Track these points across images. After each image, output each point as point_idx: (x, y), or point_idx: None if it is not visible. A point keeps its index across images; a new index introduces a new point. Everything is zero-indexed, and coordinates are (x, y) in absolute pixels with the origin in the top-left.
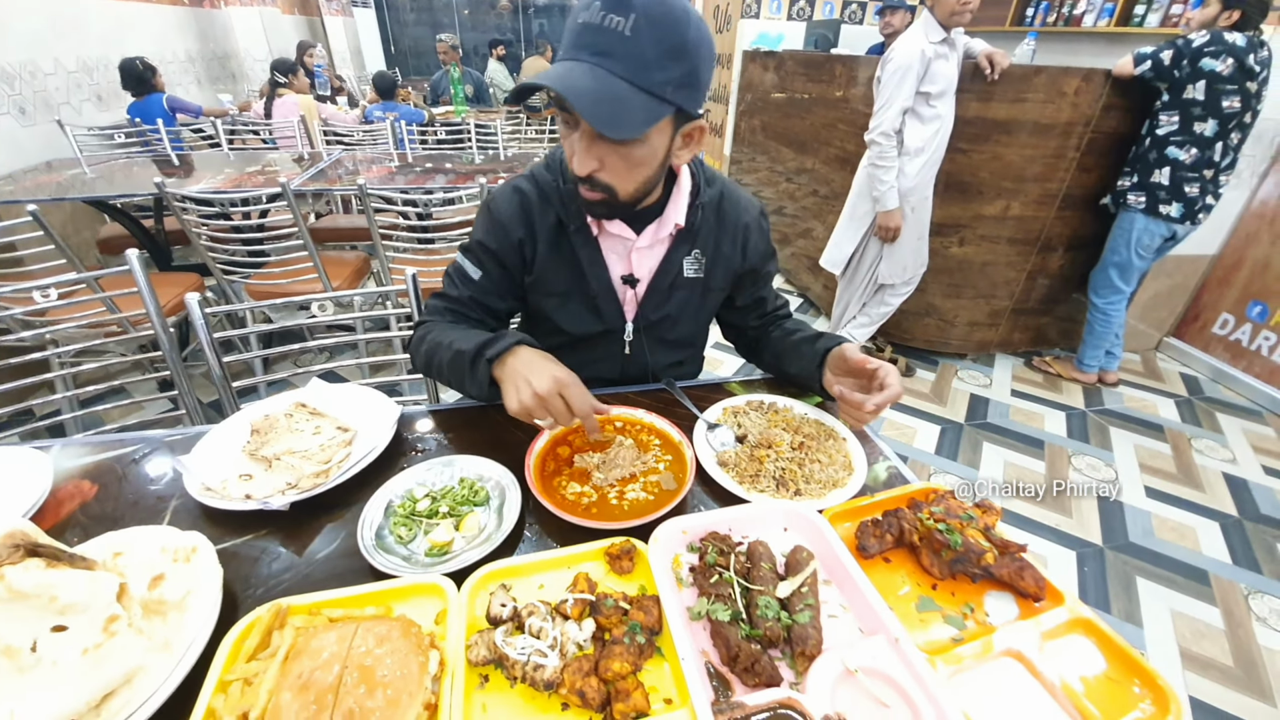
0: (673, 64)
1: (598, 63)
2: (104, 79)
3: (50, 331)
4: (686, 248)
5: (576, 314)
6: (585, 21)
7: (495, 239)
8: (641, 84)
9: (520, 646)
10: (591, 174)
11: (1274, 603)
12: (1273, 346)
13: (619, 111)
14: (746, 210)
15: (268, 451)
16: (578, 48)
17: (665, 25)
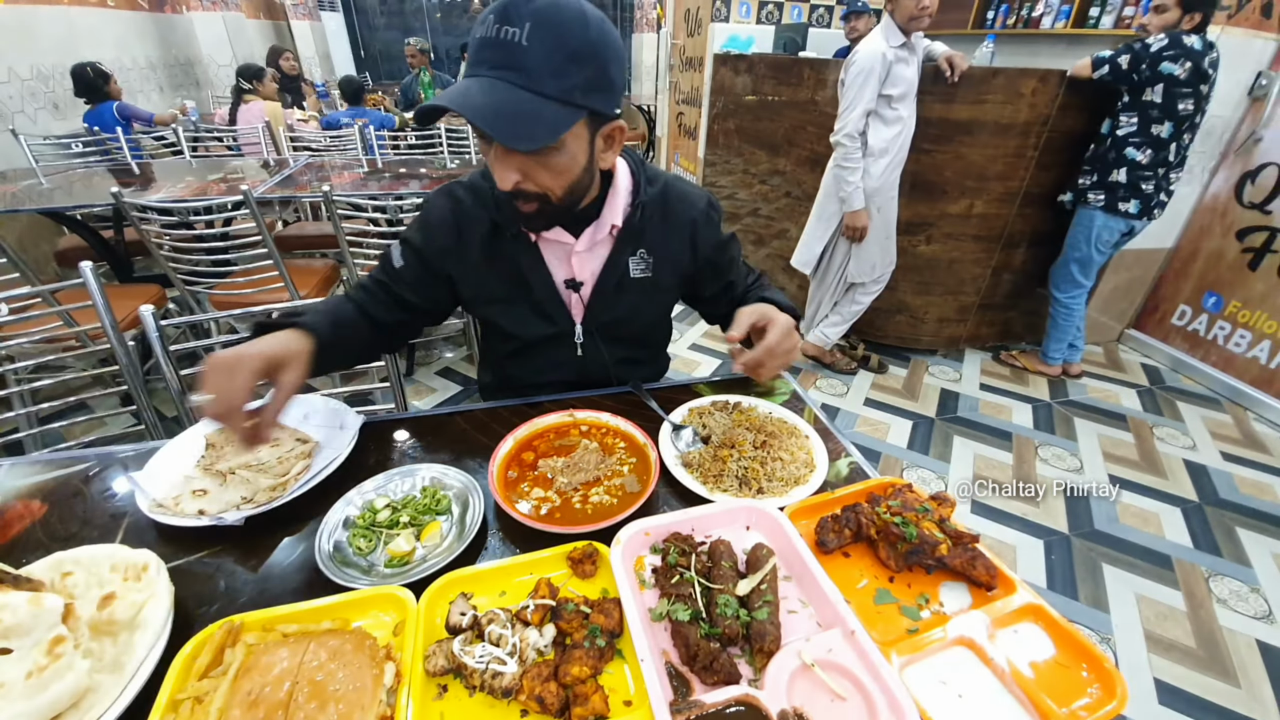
0: (576, 68)
1: (499, 76)
2: (60, 87)
3: (3, 348)
4: (631, 248)
5: (522, 318)
6: (482, 37)
7: (423, 239)
8: (546, 92)
9: (479, 655)
10: (516, 186)
11: (1233, 584)
12: (1227, 336)
13: (524, 123)
14: (693, 205)
15: (223, 465)
16: (478, 64)
17: (561, 30)
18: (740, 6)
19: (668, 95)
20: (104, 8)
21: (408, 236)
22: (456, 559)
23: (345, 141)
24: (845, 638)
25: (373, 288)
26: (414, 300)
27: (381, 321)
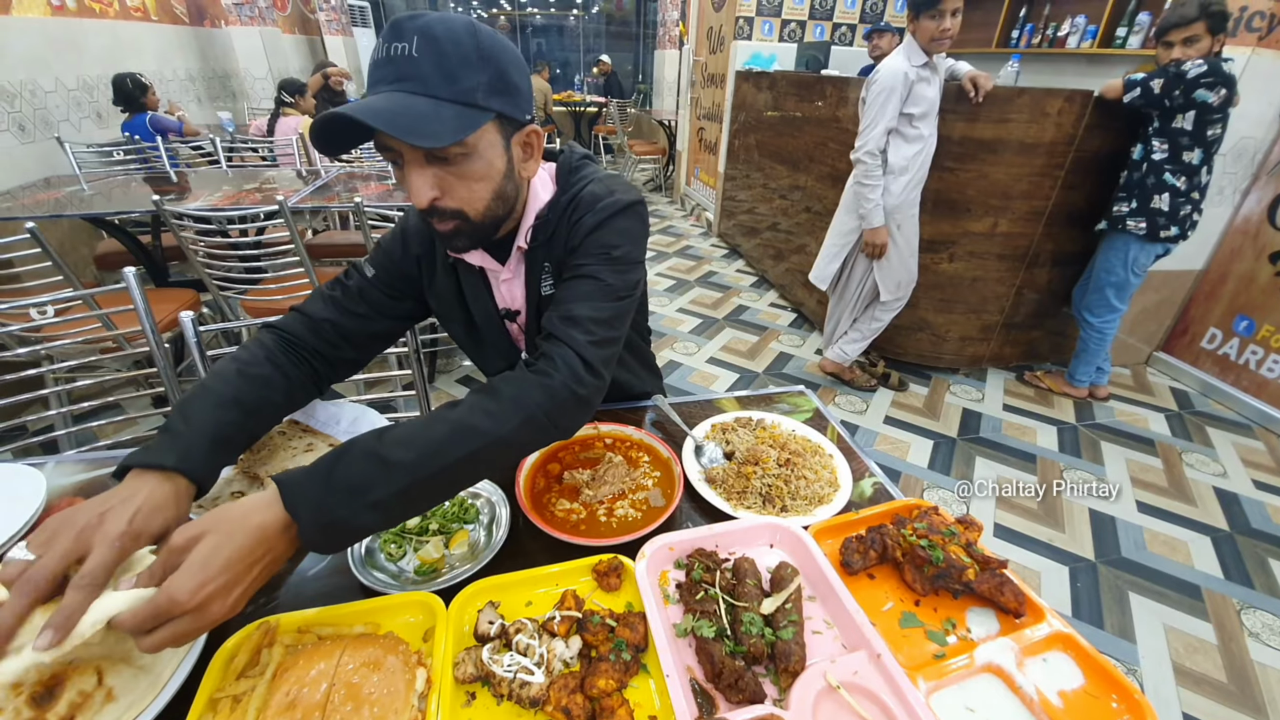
0: (471, 71)
1: (396, 88)
2: (104, 97)
3: (46, 348)
4: (540, 266)
5: (478, 348)
6: (375, 60)
7: (399, 247)
8: (445, 95)
9: (507, 664)
10: (433, 203)
11: (1266, 618)
12: (1260, 360)
13: (424, 121)
14: (589, 209)
15: (260, 469)
16: (373, 84)
17: (450, 38)
18: (763, 25)
19: (689, 110)
20: (147, 21)
21: (383, 244)
22: (484, 568)
23: (375, 153)
24: (871, 661)
25: (343, 297)
26: (388, 307)
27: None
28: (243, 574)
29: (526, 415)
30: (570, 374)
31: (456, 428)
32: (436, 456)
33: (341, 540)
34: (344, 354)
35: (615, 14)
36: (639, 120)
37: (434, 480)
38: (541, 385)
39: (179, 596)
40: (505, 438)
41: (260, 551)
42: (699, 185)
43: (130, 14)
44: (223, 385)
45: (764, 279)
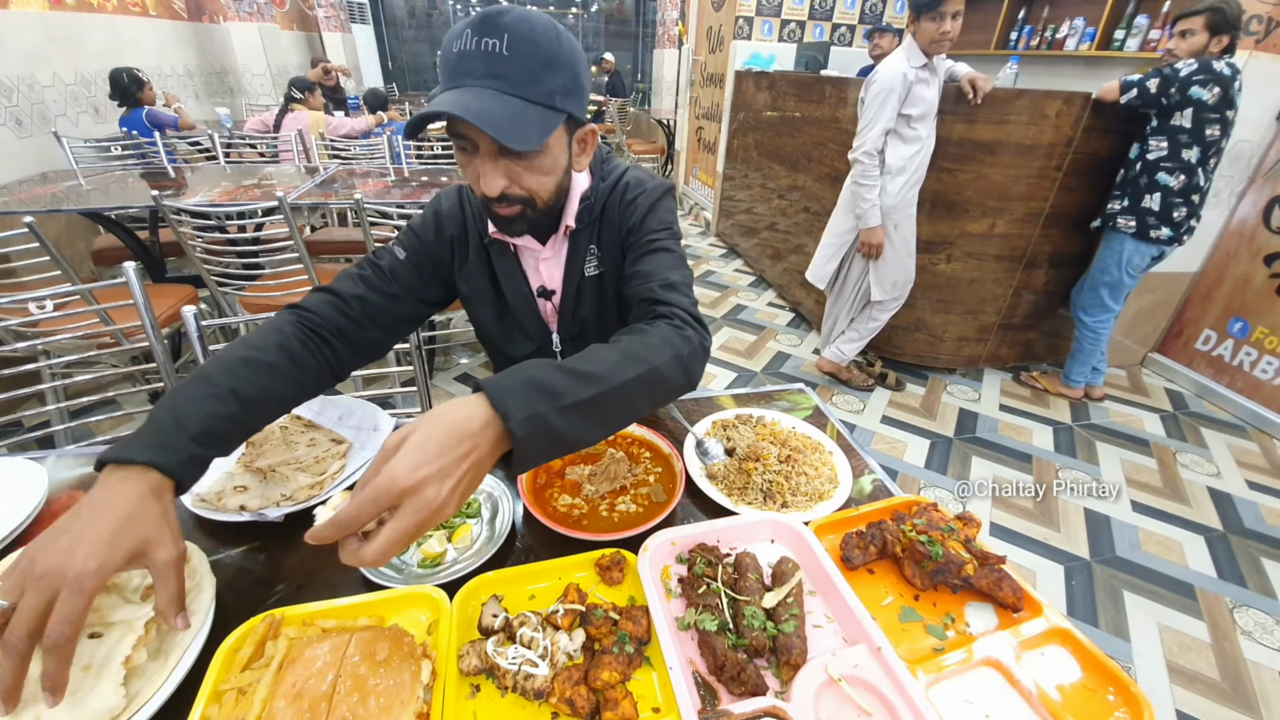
0: (553, 74)
1: (486, 84)
2: (101, 92)
3: (44, 343)
4: (585, 246)
5: (506, 331)
6: (461, 50)
7: (431, 230)
8: (531, 97)
9: (511, 656)
10: (504, 191)
11: (1259, 616)
12: (1254, 362)
13: (519, 125)
14: (640, 190)
15: (263, 463)
16: (460, 75)
17: (537, 39)
18: (762, 25)
19: (688, 110)
20: (145, 16)
21: (413, 227)
22: (487, 562)
23: (373, 150)
24: (871, 654)
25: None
26: (419, 291)
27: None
28: (455, 464)
29: (675, 352)
30: (698, 329)
31: (624, 353)
32: (615, 373)
33: (543, 443)
34: (370, 334)
35: (615, 13)
36: (638, 119)
37: (615, 396)
38: (681, 334)
39: (398, 474)
40: (661, 369)
41: (469, 445)
42: (697, 185)
43: (129, 9)
44: (220, 374)
45: (762, 278)
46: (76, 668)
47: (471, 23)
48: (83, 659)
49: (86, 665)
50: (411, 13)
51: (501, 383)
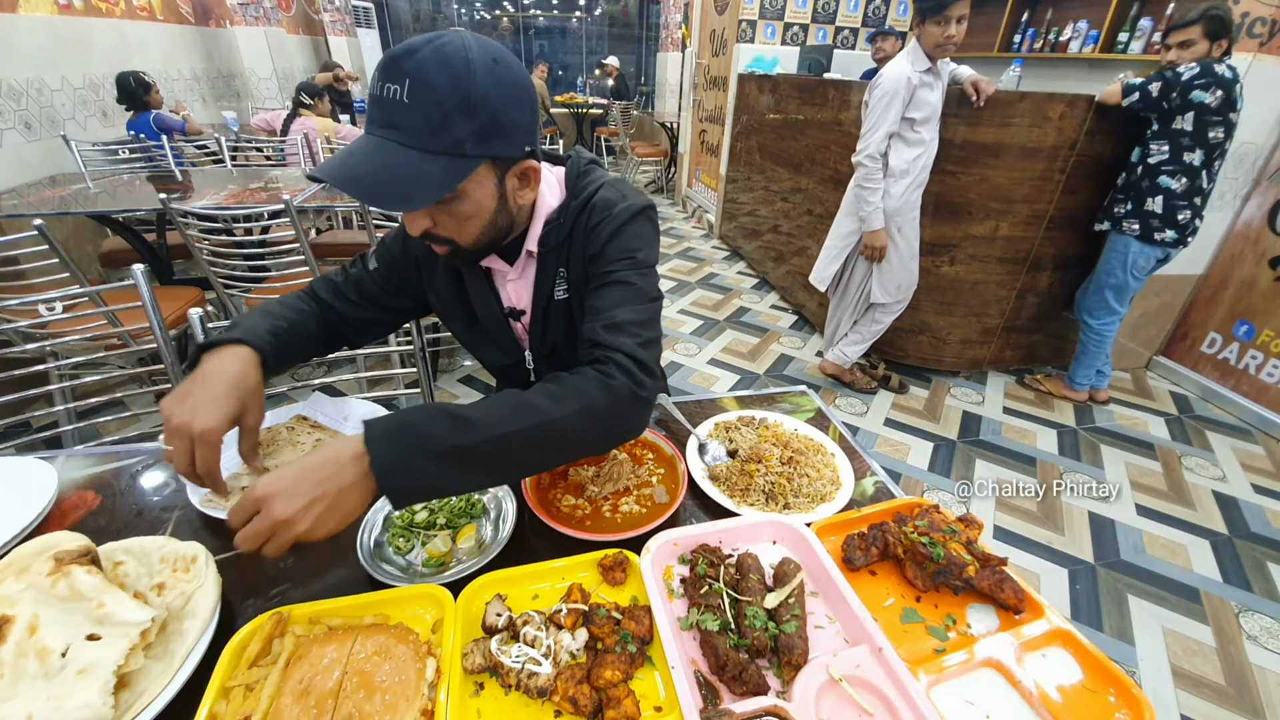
0: (462, 120)
1: (386, 135)
2: (109, 95)
3: (52, 344)
4: (553, 269)
5: (479, 344)
6: (372, 94)
7: (399, 245)
8: (433, 148)
9: (515, 655)
10: (425, 232)
11: (1265, 621)
12: (1259, 365)
13: (404, 187)
14: (605, 215)
15: (270, 463)
16: (370, 122)
17: (443, 85)
18: (765, 28)
19: (691, 113)
20: (153, 20)
21: (386, 240)
22: (491, 561)
23: None
24: (873, 655)
25: (343, 284)
26: (384, 300)
27: (347, 316)
28: (310, 486)
29: (584, 405)
30: (629, 377)
31: (518, 404)
32: (499, 424)
33: (410, 484)
34: (343, 331)
35: (618, 16)
36: (641, 122)
37: (496, 447)
38: (602, 383)
39: (257, 487)
40: (561, 421)
41: (330, 471)
42: (700, 187)
43: (136, 13)
44: (265, 305)
45: (765, 281)
46: (71, 671)
47: (382, 62)
48: (79, 663)
49: (81, 670)
50: (416, 17)
51: (382, 422)
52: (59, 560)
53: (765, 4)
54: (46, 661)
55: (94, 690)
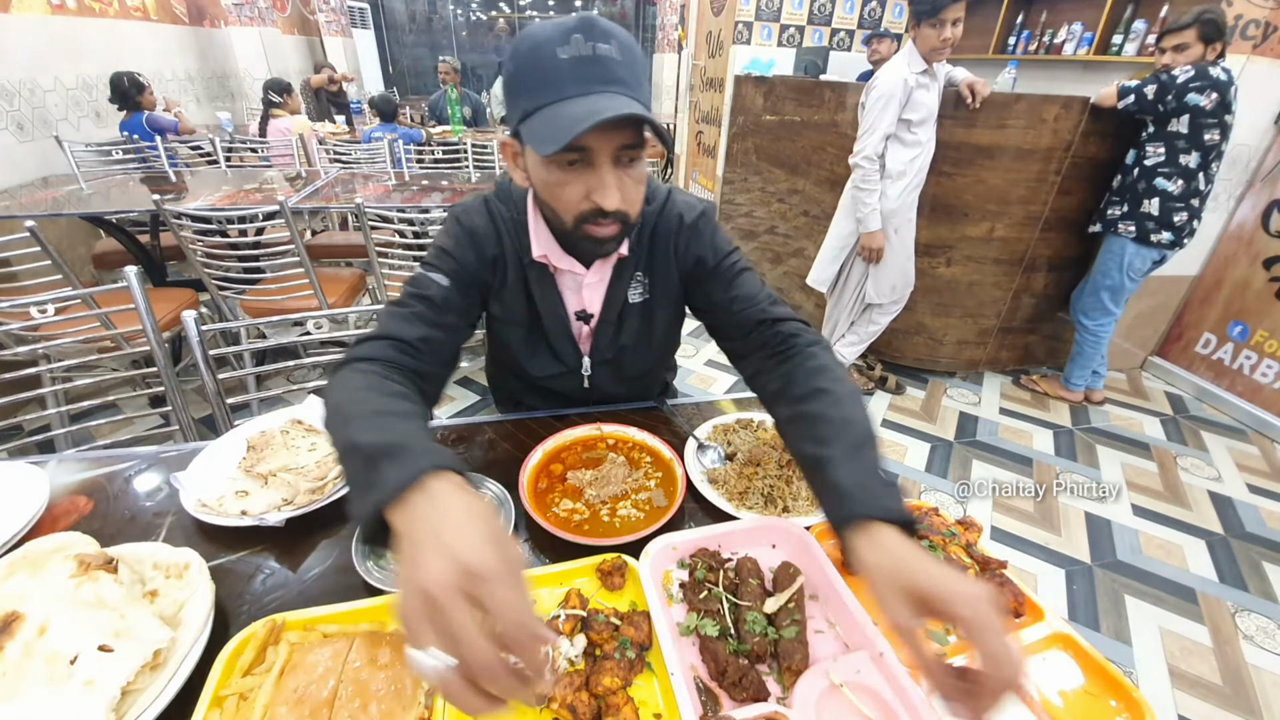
0: (648, 83)
1: (615, 90)
2: (102, 96)
3: (44, 347)
4: (630, 272)
5: (534, 351)
6: (576, 56)
7: (470, 251)
8: (643, 100)
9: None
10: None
11: (1261, 621)
12: (1254, 365)
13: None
14: (684, 215)
15: (264, 468)
16: (585, 80)
17: (636, 49)
18: (762, 30)
19: (687, 114)
20: (147, 21)
21: (439, 254)
22: None
23: (374, 155)
24: (873, 660)
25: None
26: (450, 321)
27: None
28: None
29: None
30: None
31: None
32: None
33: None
34: (438, 372)
35: (615, 18)
36: None
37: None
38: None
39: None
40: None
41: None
42: (697, 189)
43: (130, 14)
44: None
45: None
46: (78, 682)
47: (577, 28)
48: (86, 674)
49: (89, 681)
50: (412, 17)
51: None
52: (83, 563)
53: (761, 6)
54: (53, 667)
55: (99, 707)
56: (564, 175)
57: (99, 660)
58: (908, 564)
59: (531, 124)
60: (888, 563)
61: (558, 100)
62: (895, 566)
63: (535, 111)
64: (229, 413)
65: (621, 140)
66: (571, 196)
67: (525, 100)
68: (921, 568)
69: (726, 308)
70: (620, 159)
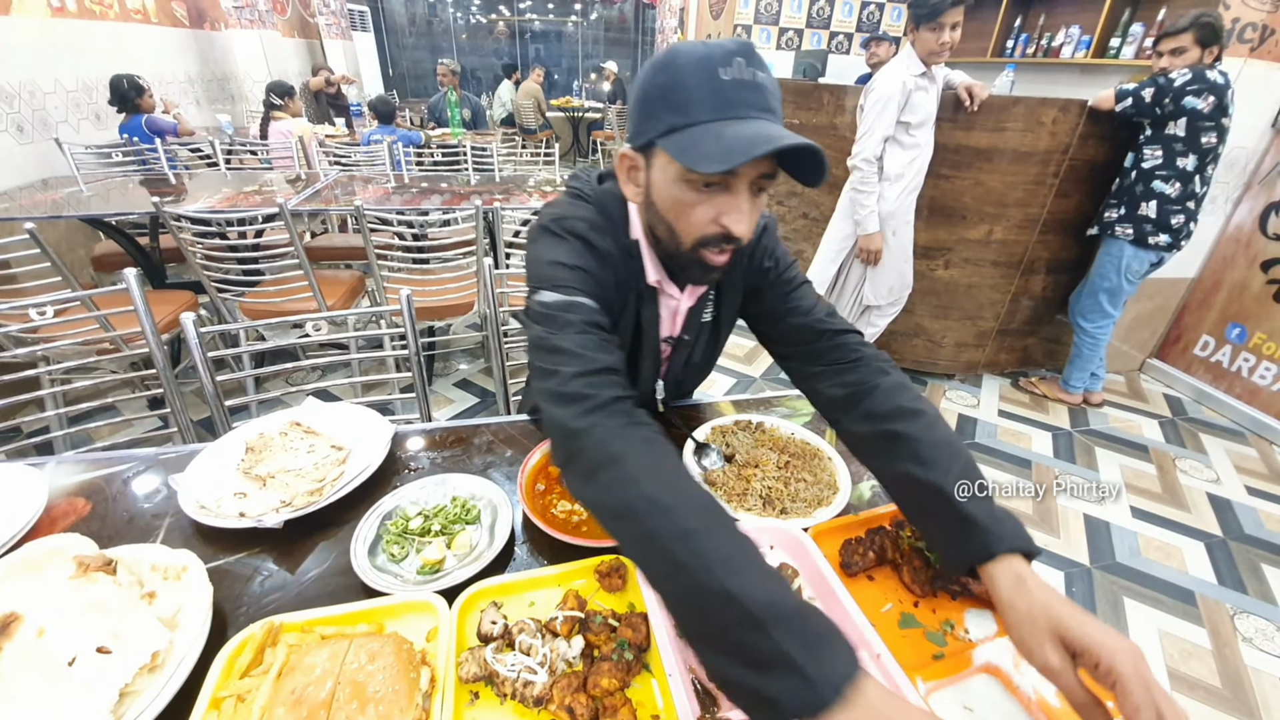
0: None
1: (765, 118)
2: (102, 98)
3: (43, 349)
4: (705, 293)
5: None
6: (737, 79)
7: (605, 272)
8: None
9: (510, 663)
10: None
11: (1260, 623)
12: (1252, 368)
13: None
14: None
15: (262, 470)
16: (738, 105)
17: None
18: (761, 33)
19: None
20: (147, 23)
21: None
22: (486, 568)
23: (374, 157)
24: (871, 660)
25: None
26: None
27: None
28: None
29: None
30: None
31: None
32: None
33: None
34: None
35: (615, 21)
36: None
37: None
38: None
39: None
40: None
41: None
42: None
43: (130, 16)
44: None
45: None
46: (76, 683)
47: (740, 51)
48: (84, 675)
49: (87, 682)
50: (412, 20)
51: None
52: (82, 565)
53: (760, 9)
54: (51, 668)
55: (97, 709)
56: (698, 196)
57: (97, 662)
58: (1056, 609)
59: (681, 139)
60: (1037, 607)
61: (718, 120)
62: (1045, 612)
63: (687, 127)
64: (228, 415)
65: (764, 169)
66: (700, 218)
67: (673, 115)
68: (1071, 614)
69: (785, 319)
70: (754, 187)
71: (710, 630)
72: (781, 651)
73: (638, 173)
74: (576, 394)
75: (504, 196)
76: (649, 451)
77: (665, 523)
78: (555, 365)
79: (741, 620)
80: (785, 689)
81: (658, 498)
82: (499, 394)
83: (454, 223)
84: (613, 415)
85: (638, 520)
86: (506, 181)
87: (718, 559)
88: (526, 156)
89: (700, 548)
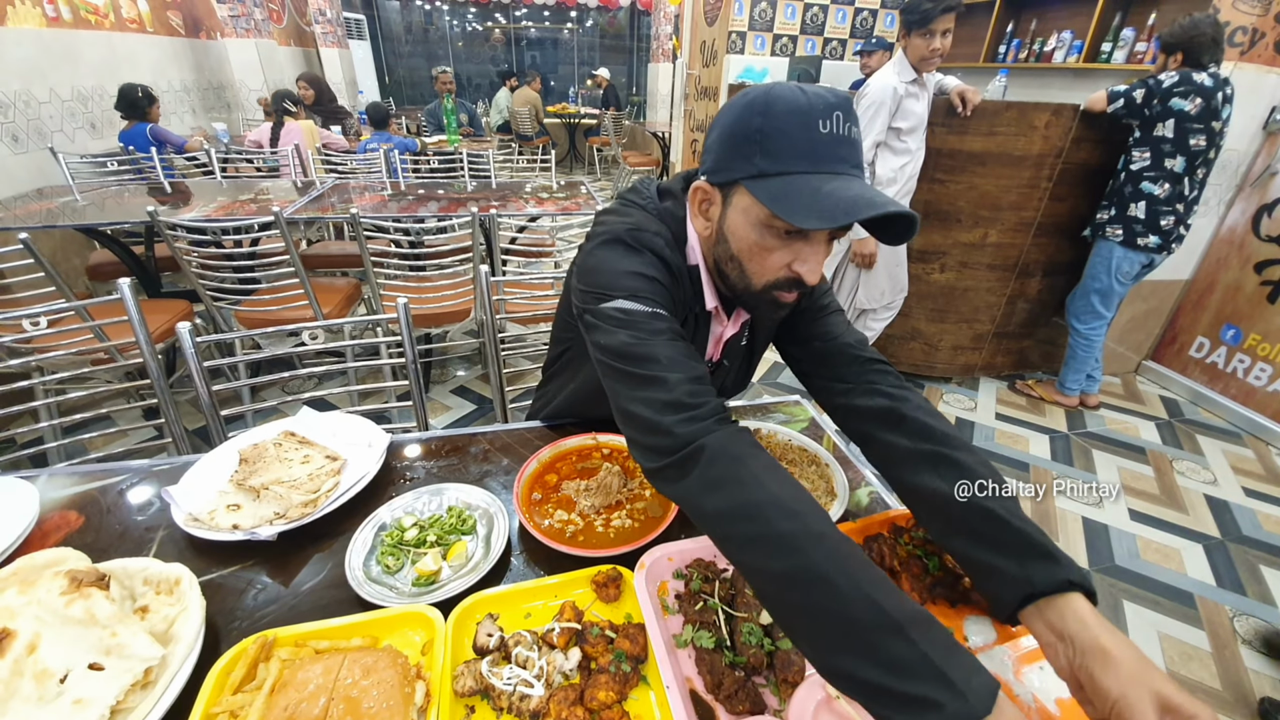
0: None
1: (855, 174)
2: (98, 108)
3: (37, 359)
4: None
5: None
6: (835, 134)
7: (675, 291)
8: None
9: (506, 676)
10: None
11: (1259, 625)
12: (1247, 369)
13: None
14: None
15: (256, 481)
16: (834, 160)
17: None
18: (755, 39)
19: (682, 123)
20: (143, 32)
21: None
22: (482, 580)
23: (370, 164)
24: None
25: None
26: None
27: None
28: None
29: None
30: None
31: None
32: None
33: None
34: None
35: (609, 27)
36: (633, 132)
37: None
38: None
39: None
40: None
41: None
42: None
43: (126, 25)
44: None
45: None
46: (68, 700)
47: (839, 106)
48: (77, 692)
49: (78, 700)
50: (408, 29)
51: None
52: (75, 580)
53: (754, 16)
54: (43, 684)
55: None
56: (778, 242)
57: (89, 678)
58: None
59: (772, 186)
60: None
61: (813, 173)
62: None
63: (780, 175)
64: (223, 424)
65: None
66: (775, 263)
67: (766, 161)
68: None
69: (816, 343)
70: (831, 238)
71: (849, 634)
72: (923, 656)
73: (712, 207)
74: (685, 401)
75: (500, 203)
76: (764, 456)
77: (797, 525)
78: (654, 372)
79: (883, 625)
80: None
81: (786, 502)
82: (496, 400)
83: (450, 229)
84: (722, 422)
85: (769, 522)
86: (503, 188)
87: (855, 563)
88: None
89: (835, 551)
